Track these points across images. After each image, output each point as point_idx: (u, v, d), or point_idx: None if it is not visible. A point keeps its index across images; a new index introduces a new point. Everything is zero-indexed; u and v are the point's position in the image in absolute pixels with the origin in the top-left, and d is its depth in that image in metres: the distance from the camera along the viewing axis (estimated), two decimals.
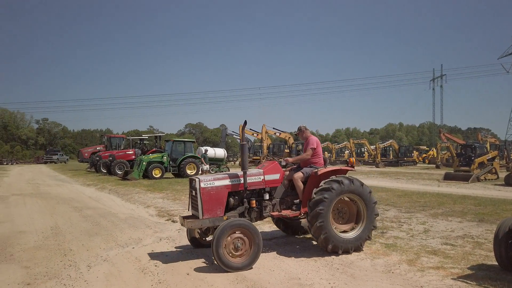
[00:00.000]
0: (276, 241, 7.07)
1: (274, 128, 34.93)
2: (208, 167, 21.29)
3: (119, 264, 5.78)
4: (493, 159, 23.30)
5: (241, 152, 6.10)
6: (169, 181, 19.94)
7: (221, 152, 28.67)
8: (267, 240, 7.18)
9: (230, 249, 5.33)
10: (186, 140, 26.26)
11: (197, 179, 5.81)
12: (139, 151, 27.65)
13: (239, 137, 36.44)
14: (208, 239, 6.51)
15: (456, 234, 7.36)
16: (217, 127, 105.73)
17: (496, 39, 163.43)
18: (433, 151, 50.07)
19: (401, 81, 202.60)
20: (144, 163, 21.88)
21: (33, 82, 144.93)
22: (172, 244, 6.99)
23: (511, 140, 52.22)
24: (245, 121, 6.51)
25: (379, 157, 41.77)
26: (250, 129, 35.80)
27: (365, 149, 51.20)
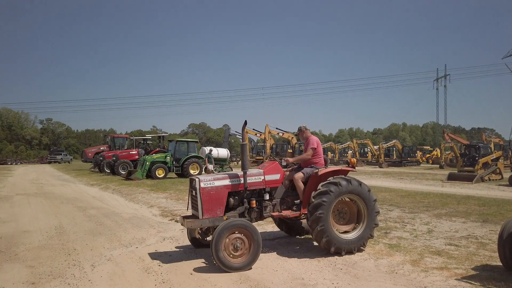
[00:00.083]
0: (279, 241, 7.08)
1: (277, 128, 34.85)
2: (212, 167, 21.32)
3: (123, 263, 5.81)
4: (497, 159, 23.16)
5: (241, 152, 6.10)
6: (172, 181, 20.00)
7: (224, 152, 28.69)
8: (270, 240, 7.19)
9: (229, 250, 5.33)
10: (189, 140, 26.33)
11: (197, 179, 5.81)
12: (143, 151, 27.74)
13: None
14: (208, 239, 6.49)
15: (460, 234, 7.34)
16: (220, 127, 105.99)
17: (500, 39, 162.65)
18: (436, 151, 49.96)
19: (404, 81, 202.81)
20: (147, 163, 21.98)
21: (37, 82, 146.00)
22: (175, 244, 7.01)
23: None
24: (245, 121, 6.51)
25: (383, 157, 41.71)
26: (253, 129, 35.75)
27: (369, 149, 51.17)
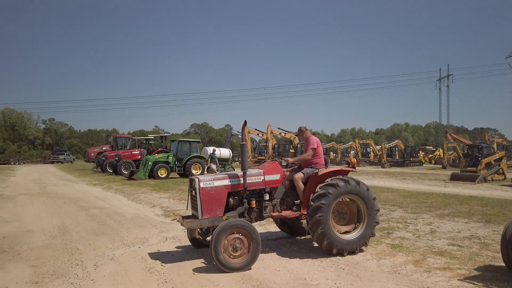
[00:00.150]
0: (281, 242, 7.08)
1: (279, 128, 34.92)
2: (215, 167, 21.34)
3: (125, 263, 5.83)
4: (500, 159, 23.10)
5: (241, 152, 6.10)
6: (174, 181, 20.02)
7: (226, 152, 28.76)
8: (272, 240, 7.19)
9: (229, 251, 5.32)
10: (191, 140, 26.34)
11: (196, 179, 5.81)
12: (145, 151, 27.79)
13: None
14: (208, 239, 6.47)
15: (462, 235, 7.32)
16: (222, 127, 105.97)
17: (503, 38, 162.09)
18: (439, 151, 49.82)
19: (407, 81, 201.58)
20: (150, 163, 21.99)
21: (40, 82, 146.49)
22: (177, 243, 7.03)
23: None
24: (245, 121, 6.51)
25: (385, 157, 41.63)
26: (255, 129, 35.81)
27: (371, 150, 51.11)
